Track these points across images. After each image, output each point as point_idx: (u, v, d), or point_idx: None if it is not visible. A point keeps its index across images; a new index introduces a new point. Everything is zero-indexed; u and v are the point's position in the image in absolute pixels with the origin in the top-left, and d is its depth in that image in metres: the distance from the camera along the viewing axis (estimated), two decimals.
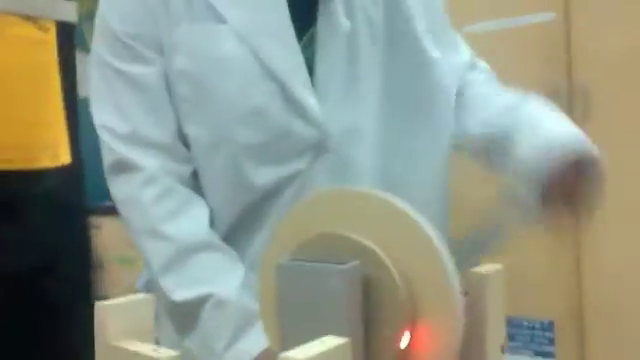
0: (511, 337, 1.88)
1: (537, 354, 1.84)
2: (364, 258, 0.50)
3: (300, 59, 0.77)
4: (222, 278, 0.75)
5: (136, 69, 0.78)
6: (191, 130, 0.79)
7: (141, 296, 0.47)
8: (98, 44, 0.81)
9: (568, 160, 0.74)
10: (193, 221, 0.78)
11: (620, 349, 1.70)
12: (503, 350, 0.55)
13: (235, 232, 0.80)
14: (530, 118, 0.82)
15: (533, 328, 1.85)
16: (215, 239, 0.79)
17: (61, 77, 1.04)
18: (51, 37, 1.05)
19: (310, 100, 0.77)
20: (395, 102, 0.82)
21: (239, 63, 0.76)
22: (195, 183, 0.81)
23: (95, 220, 2.14)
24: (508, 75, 1.81)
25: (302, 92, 0.77)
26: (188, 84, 0.77)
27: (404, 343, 0.49)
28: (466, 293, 0.53)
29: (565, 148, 0.75)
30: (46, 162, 1.00)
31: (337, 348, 0.39)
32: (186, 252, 0.76)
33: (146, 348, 0.43)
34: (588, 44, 1.76)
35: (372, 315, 0.50)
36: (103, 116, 0.80)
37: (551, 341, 1.83)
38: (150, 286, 0.81)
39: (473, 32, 1.91)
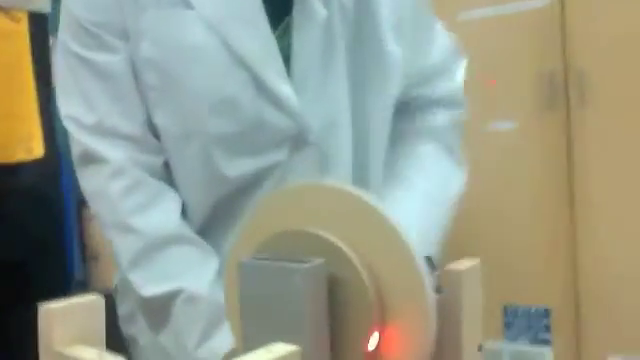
0: (507, 325, 1.86)
1: (534, 341, 1.83)
2: (330, 256, 0.47)
3: (273, 47, 0.74)
4: (193, 273, 0.73)
5: (101, 57, 0.75)
6: (160, 120, 0.76)
7: (90, 298, 0.44)
8: (63, 32, 0.78)
9: None
10: (163, 214, 0.75)
11: (616, 336, 1.68)
12: (481, 349, 0.52)
13: (210, 226, 0.78)
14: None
15: (529, 316, 1.84)
16: (187, 232, 0.76)
17: (34, 68, 1.02)
18: (23, 28, 1.02)
19: (284, 89, 0.75)
20: (358, 91, 0.80)
21: (207, 51, 0.73)
22: (168, 174, 0.78)
23: (89, 211, 2.12)
24: (504, 61, 1.81)
25: (275, 81, 0.74)
26: (155, 72, 0.74)
27: (372, 345, 0.47)
28: (440, 290, 0.50)
29: None
30: (20, 156, 0.98)
31: (283, 359, 0.36)
32: (155, 246, 0.73)
33: (90, 354, 0.40)
34: (583, 28, 1.73)
35: (339, 315, 0.47)
36: (69, 106, 0.77)
37: (547, 328, 1.81)
38: (124, 282, 0.79)
39: (469, 19, 1.89)
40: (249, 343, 0.47)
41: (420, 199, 0.82)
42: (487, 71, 1.76)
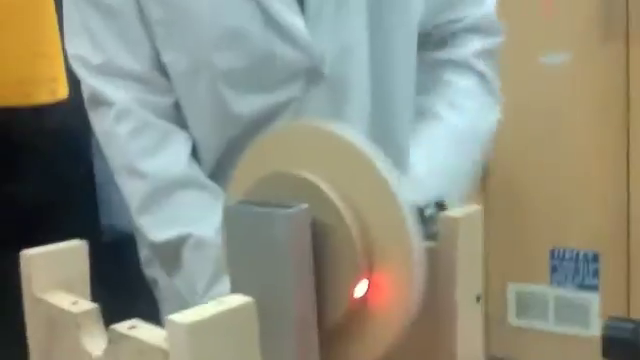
0: (554, 268, 1.82)
1: (581, 287, 1.78)
2: (316, 200, 0.45)
3: None
4: (202, 217, 0.72)
5: None
6: (168, 57, 0.74)
7: (72, 244, 0.44)
8: None
9: None
10: (171, 157, 0.74)
11: None
12: (479, 300, 0.50)
13: (223, 167, 0.76)
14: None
15: (577, 260, 1.78)
16: (197, 175, 0.75)
17: (56, 7, 1.01)
18: None
19: (294, 21, 0.72)
20: (376, 18, 0.76)
21: None
22: (178, 115, 0.77)
23: None
24: None
25: (284, 12, 0.71)
26: (160, 6, 0.72)
27: (360, 292, 0.45)
28: (433, 237, 0.48)
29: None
30: (44, 98, 0.99)
31: (235, 310, 0.35)
32: (163, 190, 0.73)
33: (65, 301, 0.40)
34: None
35: (324, 261, 0.46)
36: (75, 46, 0.76)
37: (596, 274, 1.76)
38: None
39: None
40: (236, 290, 0.47)
41: (449, 137, 0.80)
42: None
